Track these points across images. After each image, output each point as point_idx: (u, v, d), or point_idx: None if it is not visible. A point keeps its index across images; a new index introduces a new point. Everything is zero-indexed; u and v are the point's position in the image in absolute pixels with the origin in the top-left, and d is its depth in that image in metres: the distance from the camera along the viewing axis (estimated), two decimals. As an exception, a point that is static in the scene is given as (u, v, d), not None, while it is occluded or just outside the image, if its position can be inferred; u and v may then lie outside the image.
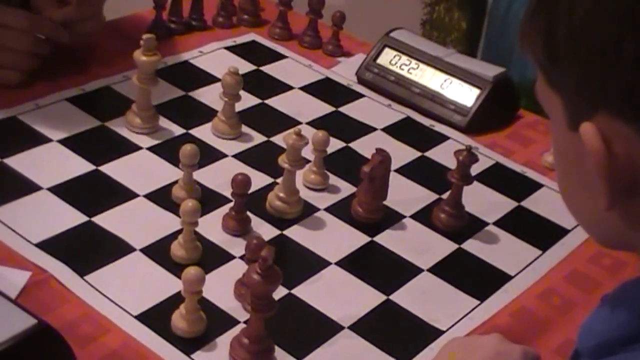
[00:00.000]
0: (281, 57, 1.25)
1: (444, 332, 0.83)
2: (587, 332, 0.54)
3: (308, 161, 0.98)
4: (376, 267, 0.91)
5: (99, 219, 0.89)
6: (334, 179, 1.01)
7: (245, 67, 1.20)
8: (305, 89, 1.18)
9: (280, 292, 0.82)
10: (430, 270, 0.90)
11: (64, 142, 1.00)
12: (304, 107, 1.14)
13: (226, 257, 0.87)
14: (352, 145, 1.08)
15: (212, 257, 0.87)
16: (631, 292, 0.53)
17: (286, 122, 1.09)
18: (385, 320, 0.84)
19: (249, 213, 0.91)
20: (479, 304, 0.87)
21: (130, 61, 1.00)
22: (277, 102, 1.15)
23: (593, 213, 0.52)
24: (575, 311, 0.88)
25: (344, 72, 1.23)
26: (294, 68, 1.23)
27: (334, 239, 0.92)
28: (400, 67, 1.19)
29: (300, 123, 1.09)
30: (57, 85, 1.09)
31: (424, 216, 0.97)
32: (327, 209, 0.97)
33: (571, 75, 0.49)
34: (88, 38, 1.12)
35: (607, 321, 0.53)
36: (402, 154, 1.07)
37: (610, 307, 0.53)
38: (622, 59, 0.46)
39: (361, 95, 1.19)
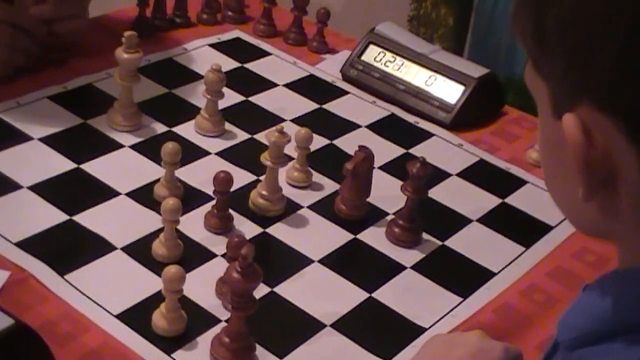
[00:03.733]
0: (266, 54, 1.25)
1: (426, 329, 0.83)
2: (566, 325, 0.54)
3: (291, 158, 0.98)
4: (359, 264, 0.91)
5: (79, 218, 0.89)
6: (317, 177, 1.01)
7: (230, 64, 1.19)
8: (289, 86, 1.18)
9: (262, 290, 0.82)
10: (414, 267, 0.90)
11: (45, 140, 0.99)
12: (288, 104, 1.14)
13: (208, 255, 0.87)
14: (336, 142, 1.08)
15: (193, 255, 0.86)
16: (610, 285, 0.52)
17: (270, 119, 1.09)
18: (368, 318, 0.84)
19: (231, 211, 0.91)
20: (462, 301, 0.87)
21: (113, 58, 1.00)
22: (261, 99, 1.14)
23: (572, 201, 0.52)
24: (558, 307, 0.88)
25: (329, 69, 1.23)
26: (279, 65, 1.23)
27: (317, 237, 0.92)
28: (385, 64, 1.19)
29: (284, 120, 1.09)
30: (38, 83, 1.08)
31: (407, 213, 0.97)
32: (310, 207, 0.96)
33: (557, 64, 0.48)
34: (71, 37, 1.11)
35: (586, 314, 0.53)
36: (386, 150, 1.07)
37: (589, 299, 0.53)
38: (606, 55, 0.46)
39: (346, 92, 1.19)
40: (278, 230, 0.92)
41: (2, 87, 1.06)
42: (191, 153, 1.00)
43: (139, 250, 0.86)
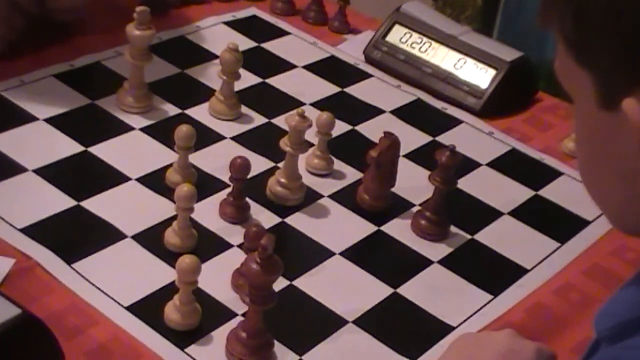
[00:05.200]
0: (284, 33, 1.24)
1: (454, 328, 0.83)
2: (604, 315, 0.55)
3: (311, 145, 0.98)
4: (383, 258, 0.91)
5: (88, 204, 0.89)
6: (338, 164, 1.00)
7: (246, 43, 1.19)
8: (309, 67, 1.18)
9: (280, 284, 0.81)
10: (441, 262, 0.90)
11: (51, 121, 0.99)
12: (308, 87, 1.13)
13: (223, 245, 0.87)
14: (359, 128, 1.08)
15: (208, 245, 0.86)
16: None
17: (288, 102, 1.09)
18: (392, 314, 0.84)
19: (248, 199, 0.91)
20: (492, 299, 0.87)
21: (123, 36, 1.00)
22: (279, 81, 1.14)
23: (619, 195, 0.52)
24: (594, 308, 0.85)
25: (351, 50, 1.23)
26: (298, 45, 1.22)
27: (338, 228, 0.92)
28: (411, 45, 1.18)
29: (303, 104, 1.09)
30: (44, 61, 1.08)
31: (434, 205, 0.97)
32: (331, 196, 0.96)
33: (609, 51, 0.48)
34: (68, 14, 1.11)
35: (624, 303, 0.53)
36: (412, 138, 1.07)
37: (627, 289, 0.53)
38: None
39: (369, 75, 1.19)
40: (297, 221, 0.92)
41: (6, 65, 1.06)
42: (205, 137, 1.00)
43: (151, 239, 0.86)
